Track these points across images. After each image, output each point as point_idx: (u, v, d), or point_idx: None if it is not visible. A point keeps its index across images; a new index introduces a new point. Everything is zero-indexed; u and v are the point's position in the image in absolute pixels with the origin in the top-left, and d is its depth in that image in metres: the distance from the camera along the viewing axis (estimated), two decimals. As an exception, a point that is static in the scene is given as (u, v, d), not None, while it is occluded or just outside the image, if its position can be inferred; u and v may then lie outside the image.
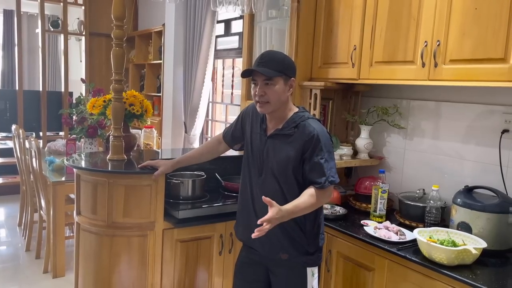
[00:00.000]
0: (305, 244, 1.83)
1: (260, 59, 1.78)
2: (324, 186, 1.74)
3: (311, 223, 1.84)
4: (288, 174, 1.79)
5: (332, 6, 2.53)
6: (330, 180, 1.75)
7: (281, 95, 1.79)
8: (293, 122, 1.80)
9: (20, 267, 3.61)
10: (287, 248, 1.83)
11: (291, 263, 1.85)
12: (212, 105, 5.02)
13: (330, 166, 1.76)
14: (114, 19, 2.28)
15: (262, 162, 1.85)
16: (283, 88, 1.79)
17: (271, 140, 1.84)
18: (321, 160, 1.74)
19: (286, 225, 1.78)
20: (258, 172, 1.87)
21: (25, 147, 3.82)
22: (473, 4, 1.84)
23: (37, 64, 6.06)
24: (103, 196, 2.19)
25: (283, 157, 1.79)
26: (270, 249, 1.86)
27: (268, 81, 1.76)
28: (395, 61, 2.18)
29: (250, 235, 1.86)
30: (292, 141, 1.78)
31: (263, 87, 1.77)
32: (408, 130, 2.55)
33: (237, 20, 4.35)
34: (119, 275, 2.24)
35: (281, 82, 1.78)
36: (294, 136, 1.78)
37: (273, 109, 1.81)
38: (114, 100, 2.37)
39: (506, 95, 2.08)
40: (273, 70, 1.75)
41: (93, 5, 5.81)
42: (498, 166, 2.09)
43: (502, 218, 1.90)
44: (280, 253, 1.84)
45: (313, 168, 1.75)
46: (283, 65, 1.79)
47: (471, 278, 1.66)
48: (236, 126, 2.08)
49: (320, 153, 1.74)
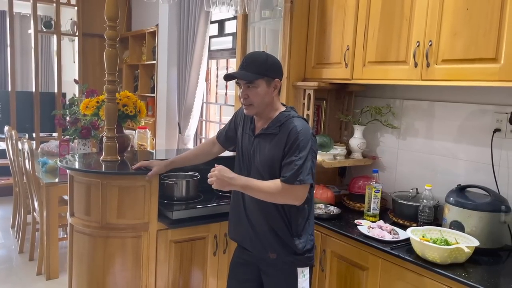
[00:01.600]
0: (293, 244, 1.83)
1: (242, 62, 1.81)
2: (289, 181, 1.71)
3: (299, 225, 1.84)
4: (273, 173, 1.80)
5: (325, 6, 2.53)
6: (299, 179, 1.70)
7: (264, 97, 1.80)
8: (278, 121, 1.81)
9: (13, 269, 3.59)
10: (275, 247, 1.84)
11: (280, 262, 1.85)
12: (206, 105, 5.01)
13: (305, 166, 1.72)
14: (107, 20, 2.27)
15: (250, 161, 1.88)
16: (265, 90, 1.80)
17: (258, 139, 1.86)
18: (294, 158, 1.72)
19: (275, 224, 1.82)
20: (247, 172, 1.88)
21: (18, 149, 3.80)
22: (464, 5, 1.85)
23: (30, 65, 6.01)
24: (97, 197, 2.18)
25: (268, 156, 1.80)
26: (259, 249, 1.87)
27: (250, 84, 1.78)
28: (388, 61, 2.19)
29: (241, 233, 1.92)
30: (276, 140, 1.79)
31: (245, 90, 1.80)
32: (401, 129, 2.56)
33: (231, 21, 4.34)
34: (113, 277, 2.24)
35: (264, 84, 1.79)
36: (278, 135, 1.79)
37: (258, 111, 1.83)
38: (107, 101, 2.36)
39: (498, 94, 2.10)
40: (253, 73, 1.77)
41: (86, 6, 5.78)
42: (490, 165, 2.11)
43: (494, 217, 1.91)
44: (269, 252, 1.85)
45: (286, 164, 1.74)
46: (265, 67, 1.79)
47: (464, 276, 1.67)
48: (230, 126, 2.09)
49: (295, 152, 1.73)
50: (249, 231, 1.89)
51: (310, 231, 1.89)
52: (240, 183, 1.76)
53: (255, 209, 1.86)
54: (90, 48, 5.95)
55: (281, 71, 1.86)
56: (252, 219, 1.88)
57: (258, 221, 1.86)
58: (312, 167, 1.75)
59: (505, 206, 1.92)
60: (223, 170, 1.76)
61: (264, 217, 1.84)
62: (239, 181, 1.76)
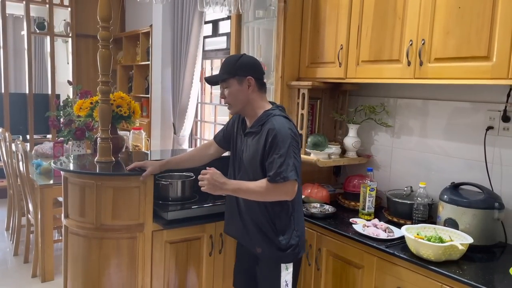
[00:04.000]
0: (277, 241, 1.89)
1: (221, 66, 1.93)
2: (275, 180, 1.75)
3: (282, 221, 1.89)
4: (257, 171, 1.87)
5: (318, 6, 2.54)
6: (282, 176, 1.74)
7: (237, 95, 1.89)
8: (261, 120, 1.88)
9: (8, 272, 3.57)
10: (260, 242, 1.92)
11: (265, 256, 1.93)
12: (201, 105, 5.01)
13: (286, 163, 1.75)
14: (100, 20, 2.26)
15: (240, 159, 1.96)
16: (238, 88, 1.88)
17: (246, 138, 1.95)
18: (275, 156, 1.76)
19: (259, 221, 1.90)
20: (238, 170, 1.98)
21: (12, 150, 3.78)
22: (456, 3, 1.86)
23: (23, 66, 5.97)
24: (91, 198, 2.18)
25: (251, 154, 1.88)
26: (248, 243, 1.98)
27: (223, 84, 1.91)
28: (381, 60, 2.20)
29: (234, 228, 2.05)
30: (257, 139, 1.86)
31: (222, 91, 1.93)
32: (396, 128, 2.57)
33: (225, 21, 4.34)
34: (108, 278, 2.23)
35: (235, 83, 1.88)
36: (260, 133, 1.85)
37: (237, 110, 1.94)
38: (101, 102, 2.35)
39: (490, 92, 2.11)
40: (223, 74, 1.88)
41: (79, 7, 5.76)
42: (483, 163, 2.12)
43: (488, 214, 1.93)
44: (256, 247, 1.94)
45: (269, 163, 1.79)
46: (235, 66, 1.88)
47: (458, 273, 1.68)
48: (227, 127, 2.17)
49: (275, 150, 1.77)
50: (240, 226, 1.99)
51: (295, 228, 1.92)
52: (232, 188, 1.84)
53: (245, 206, 1.95)
54: (84, 49, 5.93)
55: (255, 69, 1.92)
56: (242, 214, 1.97)
57: (246, 217, 1.95)
58: (295, 163, 1.78)
59: (498, 203, 1.93)
60: (215, 175, 1.82)
61: (250, 214, 1.93)
62: (230, 186, 1.83)
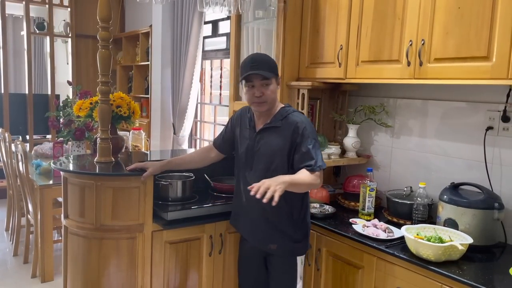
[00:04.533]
0: (292, 232, 1.96)
1: (252, 63, 1.91)
2: (314, 168, 1.86)
3: (298, 211, 1.98)
4: (277, 165, 1.92)
5: (318, 6, 2.54)
6: (318, 165, 1.87)
7: (275, 93, 1.97)
8: (280, 115, 1.96)
9: (8, 272, 3.57)
10: (275, 238, 1.96)
11: (280, 252, 1.98)
12: (201, 106, 5.01)
13: (318, 153, 1.90)
14: (99, 21, 2.26)
15: (253, 157, 1.99)
16: (275, 87, 1.97)
17: (261, 135, 1.99)
18: (309, 147, 1.88)
19: (275, 216, 1.94)
20: (249, 167, 2.00)
21: (12, 151, 3.78)
22: (456, 4, 1.86)
23: (23, 66, 5.97)
24: (91, 199, 2.17)
25: (273, 148, 1.94)
26: (260, 241, 2.01)
27: (265, 81, 1.91)
28: (381, 60, 2.20)
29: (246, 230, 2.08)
30: (280, 132, 1.93)
31: (260, 88, 1.91)
32: (395, 128, 2.58)
33: (225, 21, 4.34)
34: (108, 279, 2.23)
35: (274, 81, 1.95)
36: (282, 127, 1.94)
37: (269, 107, 1.97)
38: (101, 102, 2.35)
39: (490, 92, 2.11)
40: (269, 72, 1.91)
41: (79, 7, 5.76)
42: (483, 163, 2.12)
43: (488, 214, 1.93)
44: (269, 244, 1.97)
45: (303, 155, 1.88)
46: (274, 65, 1.97)
47: (458, 273, 1.68)
48: (226, 130, 2.22)
49: (307, 141, 1.89)
50: (248, 225, 2.03)
51: (308, 217, 2.04)
52: (289, 181, 1.76)
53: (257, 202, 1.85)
54: (84, 50, 5.93)
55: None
56: (253, 213, 1.99)
57: (259, 215, 1.97)
58: (321, 153, 1.94)
59: (498, 204, 1.93)
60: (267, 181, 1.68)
61: (266, 211, 1.93)
62: (287, 182, 1.74)
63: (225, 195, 2.51)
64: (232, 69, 3.04)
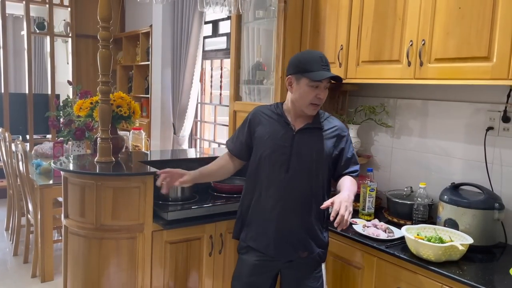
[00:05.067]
0: (322, 237, 1.93)
1: (323, 62, 1.79)
2: (357, 174, 1.92)
3: (325, 217, 1.93)
4: (321, 168, 1.87)
5: (318, 6, 2.54)
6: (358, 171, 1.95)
7: None
8: (320, 117, 1.93)
9: (8, 272, 3.57)
10: (308, 245, 1.88)
11: (308, 259, 1.90)
12: (201, 106, 5.01)
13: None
14: (100, 20, 2.26)
15: (289, 158, 1.84)
16: None
17: (300, 135, 1.87)
18: (353, 152, 1.94)
19: (309, 222, 1.87)
20: (284, 170, 1.84)
21: (12, 151, 3.78)
22: (456, 4, 1.86)
23: (23, 66, 5.97)
24: (91, 198, 2.17)
25: (318, 150, 1.86)
26: (288, 251, 1.88)
27: (327, 84, 1.83)
28: (382, 61, 2.20)
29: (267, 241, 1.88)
30: (322, 134, 1.89)
31: (324, 91, 1.83)
32: (395, 128, 2.57)
33: (225, 21, 4.34)
34: (108, 278, 2.23)
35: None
36: (322, 129, 1.90)
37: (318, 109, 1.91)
38: (101, 102, 2.35)
39: (490, 93, 2.11)
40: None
41: (79, 7, 5.76)
42: (483, 163, 2.12)
43: (488, 214, 1.93)
44: (300, 251, 1.87)
45: (348, 161, 1.91)
46: None
47: (458, 274, 1.68)
48: (244, 133, 1.99)
49: (350, 147, 1.93)
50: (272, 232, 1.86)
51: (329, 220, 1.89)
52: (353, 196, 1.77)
53: (291, 208, 1.85)
54: (84, 49, 5.93)
55: None
56: (283, 218, 1.85)
57: (292, 219, 1.85)
58: None
59: (498, 204, 1.93)
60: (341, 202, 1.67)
61: (300, 214, 1.85)
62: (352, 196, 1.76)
63: (225, 195, 2.51)
64: (233, 69, 3.04)
